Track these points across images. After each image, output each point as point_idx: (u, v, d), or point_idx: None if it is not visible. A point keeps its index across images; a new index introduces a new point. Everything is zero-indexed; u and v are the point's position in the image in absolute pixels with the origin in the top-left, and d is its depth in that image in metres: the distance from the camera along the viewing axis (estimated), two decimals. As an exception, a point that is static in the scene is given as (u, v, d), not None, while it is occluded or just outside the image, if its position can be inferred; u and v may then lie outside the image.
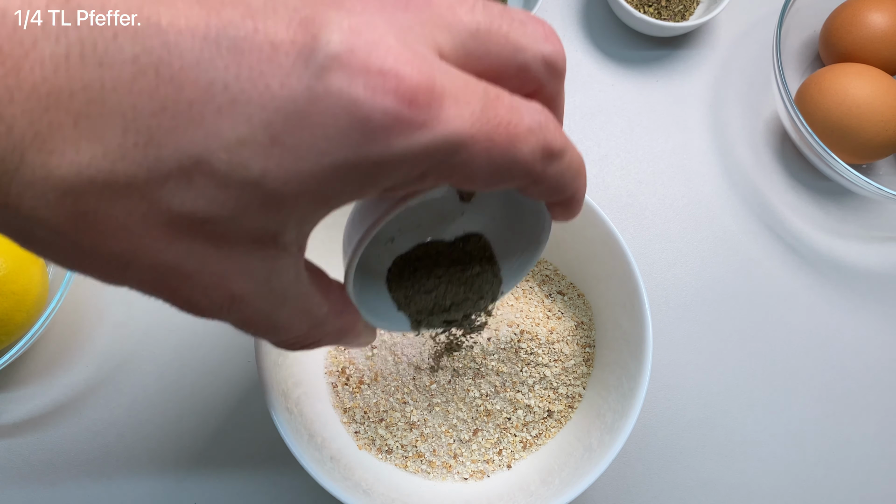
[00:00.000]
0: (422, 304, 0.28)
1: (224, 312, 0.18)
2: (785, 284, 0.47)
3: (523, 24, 0.19)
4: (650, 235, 0.48)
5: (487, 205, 0.28)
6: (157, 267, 0.16)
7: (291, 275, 0.19)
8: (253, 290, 0.18)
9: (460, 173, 0.17)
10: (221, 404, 0.43)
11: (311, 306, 0.21)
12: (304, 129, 0.15)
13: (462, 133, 0.16)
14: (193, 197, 0.15)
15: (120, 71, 0.14)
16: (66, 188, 0.14)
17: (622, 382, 0.36)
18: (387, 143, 0.15)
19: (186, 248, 0.16)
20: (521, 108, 0.17)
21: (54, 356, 0.43)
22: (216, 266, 0.17)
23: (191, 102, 0.14)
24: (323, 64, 0.15)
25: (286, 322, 0.20)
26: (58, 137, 0.14)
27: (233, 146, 0.15)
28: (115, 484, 0.41)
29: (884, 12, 0.47)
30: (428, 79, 0.15)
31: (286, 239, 0.18)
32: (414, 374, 0.39)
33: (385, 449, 0.38)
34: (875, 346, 0.46)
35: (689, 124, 0.51)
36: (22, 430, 0.42)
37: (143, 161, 0.14)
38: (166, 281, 0.17)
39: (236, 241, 0.17)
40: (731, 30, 0.53)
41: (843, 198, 0.50)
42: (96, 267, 0.16)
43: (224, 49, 0.15)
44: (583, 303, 0.41)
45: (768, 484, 0.43)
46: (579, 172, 0.20)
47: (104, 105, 0.14)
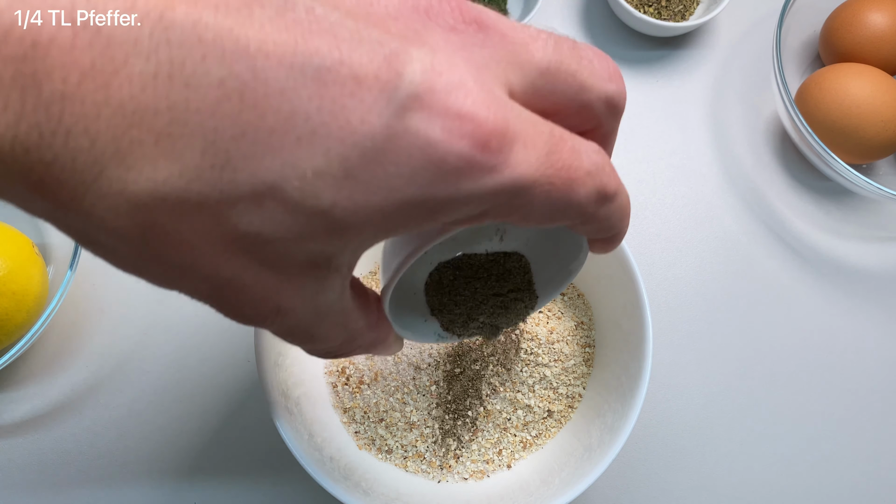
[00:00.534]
0: (455, 314, 0.29)
1: (268, 323, 0.19)
2: (785, 284, 0.47)
3: (591, 62, 0.19)
4: (650, 235, 0.48)
5: (526, 228, 0.28)
6: (212, 279, 0.17)
7: (337, 292, 0.20)
8: (300, 306, 0.19)
9: (518, 213, 0.17)
10: (221, 404, 0.43)
11: (350, 321, 0.22)
12: (379, 166, 0.15)
13: (528, 178, 0.16)
14: (261, 220, 0.15)
15: (205, 93, 0.14)
16: (139, 203, 0.14)
17: (622, 382, 0.36)
18: (457, 185, 0.16)
19: (244, 264, 0.16)
20: (581, 151, 0.18)
21: (54, 356, 0.43)
22: (269, 282, 0.17)
23: (272, 131, 0.15)
24: (404, 103, 0.15)
25: (324, 334, 0.21)
26: (137, 154, 0.14)
27: (307, 177, 0.15)
28: (114, 484, 0.41)
29: (884, 12, 0.47)
30: (502, 123, 0.16)
31: (340, 262, 0.18)
32: (414, 374, 0.39)
33: (385, 449, 0.38)
34: (875, 346, 0.46)
35: (689, 124, 0.51)
36: (22, 430, 0.42)
37: (218, 183, 0.15)
38: (219, 292, 0.17)
39: (293, 262, 0.17)
40: (731, 30, 0.53)
41: (843, 198, 0.50)
42: (153, 274, 0.17)
43: (309, 79, 0.15)
44: (583, 303, 0.41)
45: (768, 484, 0.43)
46: (626, 213, 0.21)
47: (186, 126, 0.14)
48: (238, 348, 0.44)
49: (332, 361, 0.40)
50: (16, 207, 0.15)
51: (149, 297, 0.45)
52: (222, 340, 0.44)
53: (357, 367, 0.39)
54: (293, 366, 0.37)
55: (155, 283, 0.17)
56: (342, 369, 0.40)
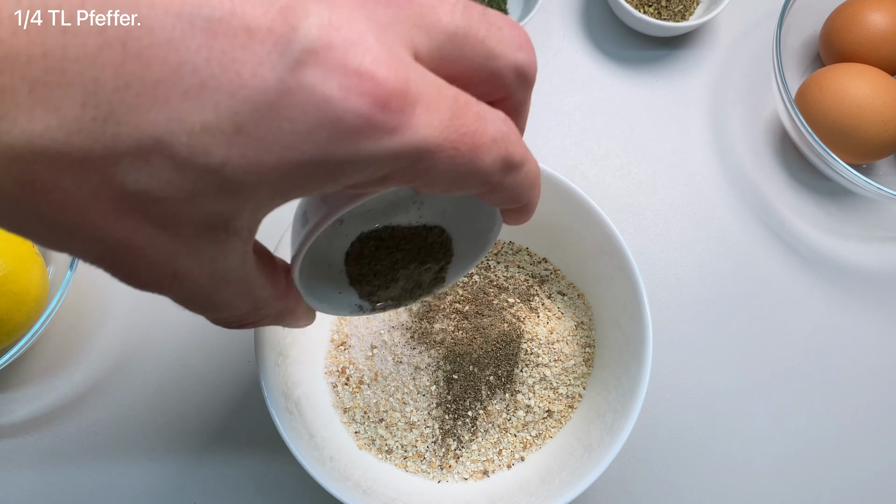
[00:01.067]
0: (374, 285, 0.29)
1: (165, 289, 0.18)
2: (785, 284, 0.47)
3: (500, 29, 0.18)
4: (650, 235, 0.48)
5: (441, 199, 0.28)
6: (102, 240, 0.16)
7: (238, 258, 0.19)
8: (196, 271, 0.18)
9: (422, 179, 0.17)
10: (221, 405, 0.43)
11: (255, 289, 0.21)
12: (272, 122, 0.15)
13: (430, 141, 0.16)
14: (148, 177, 0.15)
15: (85, 40, 0.13)
16: (14, 156, 0.14)
17: (622, 382, 0.36)
18: (355, 145, 0.15)
19: (135, 224, 0.16)
20: (486, 118, 0.17)
21: (54, 356, 0.43)
22: (163, 245, 0.17)
23: (157, 82, 0.14)
24: (298, 57, 0.15)
25: (226, 302, 0.20)
26: (10, 103, 0.13)
27: (196, 131, 0.14)
28: (115, 484, 0.41)
29: (884, 12, 0.47)
30: (403, 83, 0.15)
31: (238, 224, 0.18)
32: (414, 374, 0.39)
33: (385, 449, 0.38)
34: (875, 346, 0.46)
35: (689, 124, 0.51)
36: (22, 430, 0.42)
37: (101, 137, 0.14)
38: (110, 254, 0.16)
39: (187, 224, 0.16)
40: (731, 30, 0.53)
41: (843, 198, 0.50)
42: (38, 234, 0.16)
43: (198, 29, 0.14)
44: (583, 303, 0.41)
45: (768, 484, 0.43)
46: (535, 183, 0.21)
47: (64, 75, 0.13)
48: (238, 348, 0.44)
49: (333, 361, 0.40)
50: None
51: (149, 297, 0.45)
52: (222, 340, 0.44)
53: (357, 367, 0.39)
54: (293, 366, 0.37)
55: (43, 245, 0.16)
56: (342, 369, 0.40)
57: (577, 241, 0.39)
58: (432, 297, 0.39)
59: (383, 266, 0.28)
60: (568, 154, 0.50)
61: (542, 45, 0.52)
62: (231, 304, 0.20)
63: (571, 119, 0.51)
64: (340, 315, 0.29)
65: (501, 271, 0.42)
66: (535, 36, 0.52)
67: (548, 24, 0.53)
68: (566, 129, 0.50)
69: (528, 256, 0.43)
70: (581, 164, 0.50)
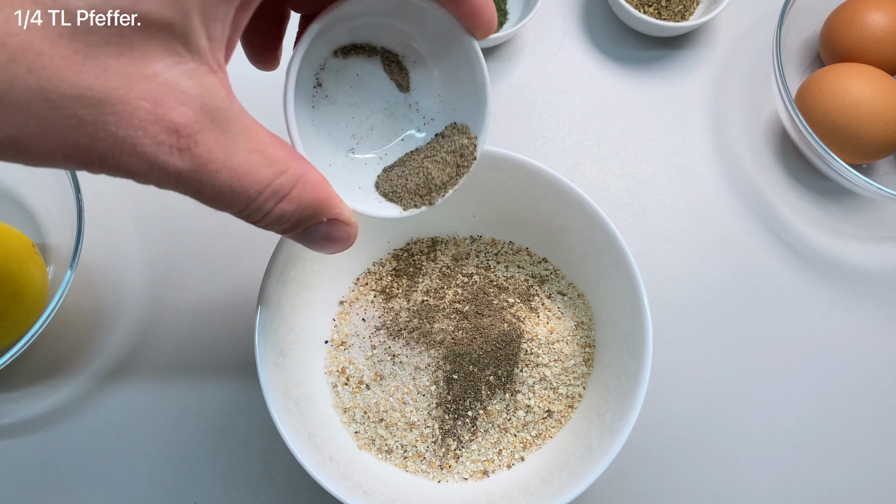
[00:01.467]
0: (404, 184, 0.31)
1: (175, 154, 0.17)
2: (785, 284, 0.47)
3: None
4: (650, 235, 0.48)
5: (429, 91, 0.31)
6: (77, 99, 0.15)
7: (223, 94, 0.18)
8: (193, 117, 0.17)
9: None
10: (221, 405, 0.43)
11: (264, 145, 0.20)
12: None
13: None
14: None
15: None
16: None
17: (622, 382, 0.36)
18: None
19: (100, 65, 0.15)
20: None
21: (54, 356, 0.43)
22: (141, 84, 0.16)
23: None
24: None
25: (244, 163, 0.19)
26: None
27: None
28: (115, 484, 0.41)
29: (884, 12, 0.47)
30: None
31: (198, 43, 0.17)
32: (414, 374, 0.39)
33: (385, 449, 0.38)
34: (875, 346, 0.46)
35: (689, 124, 0.51)
36: (22, 430, 0.42)
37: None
38: (95, 122, 0.16)
39: (144, 43, 0.16)
40: (731, 30, 0.53)
41: (843, 198, 0.50)
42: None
43: None
44: (583, 303, 0.41)
45: (768, 484, 0.43)
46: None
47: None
48: (238, 348, 0.44)
49: (333, 361, 0.40)
50: None
51: (149, 297, 0.45)
52: (222, 340, 0.44)
53: (357, 367, 0.40)
54: (293, 366, 0.37)
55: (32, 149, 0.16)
56: (342, 369, 0.40)
57: (577, 241, 0.39)
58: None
59: (411, 168, 0.31)
60: (568, 154, 0.50)
61: (542, 45, 0.52)
62: (251, 167, 0.19)
63: (571, 119, 0.51)
64: (367, 209, 0.30)
65: (501, 271, 0.42)
66: (535, 36, 0.52)
67: (548, 24, 0.53)
68: (566, 129, 0.50)
69: (528, 256, 0.43)
70: (581, 164, 0.50)
